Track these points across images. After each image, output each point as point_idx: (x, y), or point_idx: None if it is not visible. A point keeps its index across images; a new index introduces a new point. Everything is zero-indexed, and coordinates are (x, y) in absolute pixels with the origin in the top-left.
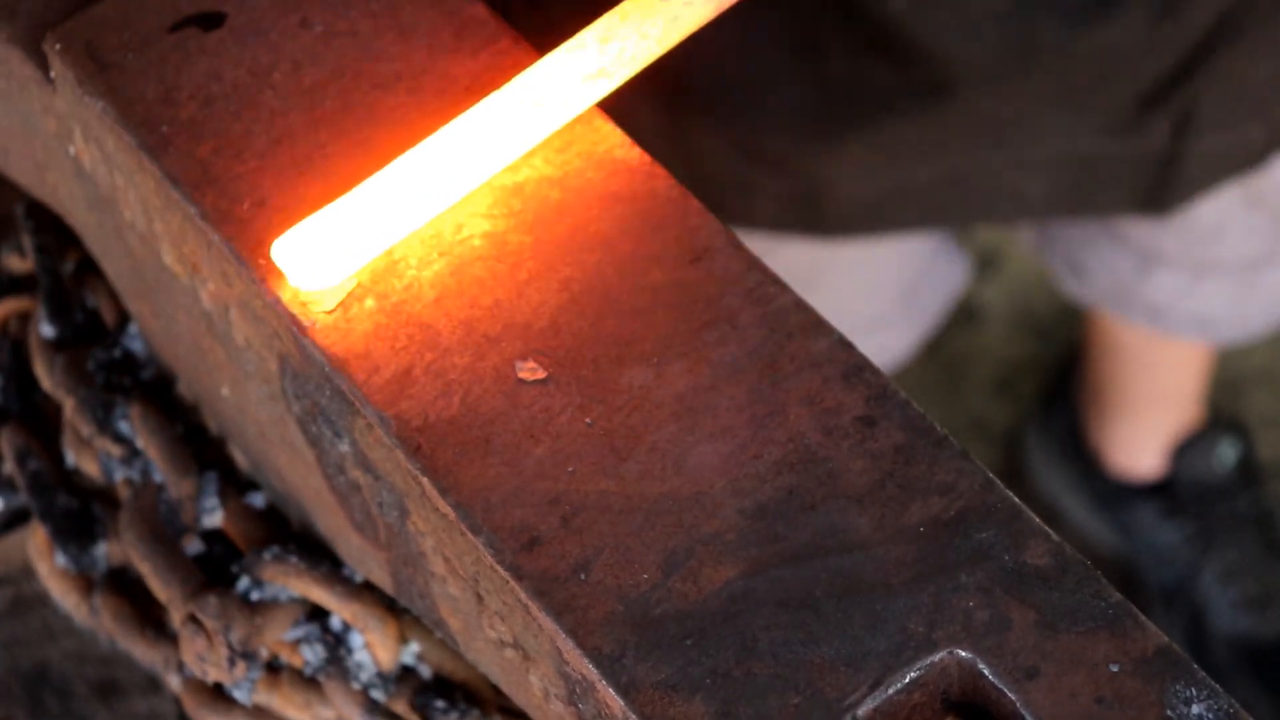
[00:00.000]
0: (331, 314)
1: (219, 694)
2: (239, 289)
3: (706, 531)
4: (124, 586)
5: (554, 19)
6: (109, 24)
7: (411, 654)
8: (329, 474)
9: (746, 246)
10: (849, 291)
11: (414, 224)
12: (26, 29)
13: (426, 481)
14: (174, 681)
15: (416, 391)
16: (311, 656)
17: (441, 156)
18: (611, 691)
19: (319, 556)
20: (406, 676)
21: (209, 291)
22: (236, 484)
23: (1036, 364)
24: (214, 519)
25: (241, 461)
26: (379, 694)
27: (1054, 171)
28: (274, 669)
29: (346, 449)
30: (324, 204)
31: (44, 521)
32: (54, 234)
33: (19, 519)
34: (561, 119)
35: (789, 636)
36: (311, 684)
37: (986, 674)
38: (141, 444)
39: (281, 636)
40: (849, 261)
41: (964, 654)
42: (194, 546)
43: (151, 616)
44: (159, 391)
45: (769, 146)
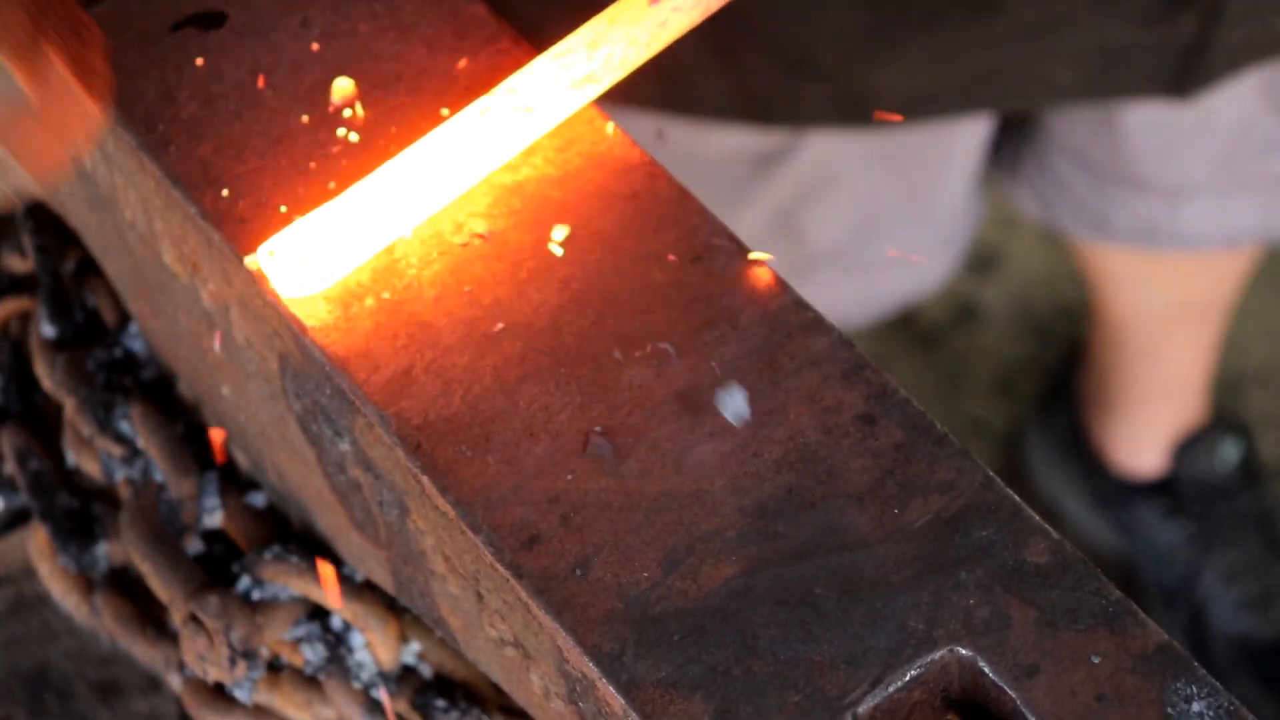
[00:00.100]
0: (331, 313)
1: (220, 693)
2: (239, 288)
3: (706, 529)
4: (125, 586)
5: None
6: (109, 24)
7: (412, 653)
8: (329, 473)
9: (746, 246)
10: (888, 208)
11: (399, 231)
12: None
13: (426, 480)
14: (175, 681)
15: (416, 390)
16: (312, 656)
17: (427, 163)
18: (612, 689)
19: (319, 556)
20: (407, 675)
21: (209, 291)
22: (237, 483)
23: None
24: (214, 518)
25: (242, 461)
26: (379, 693)
27: (1084, 61)
28: (275, 668)
29: (347, 448)
30: (323, 204)
31: (45, 521)
32: (54, 234)
33: (19, 519)
34: (549, 124)
35: (789, 634)
36: (312, 683)
37: (987, 672)
38: (142, 444)
39: (282, 636)
40: (893, 176)
41: (964, 652)
42: (195, 546)
43: (152, 616)
44: (159, 391)
45: (819, 61)
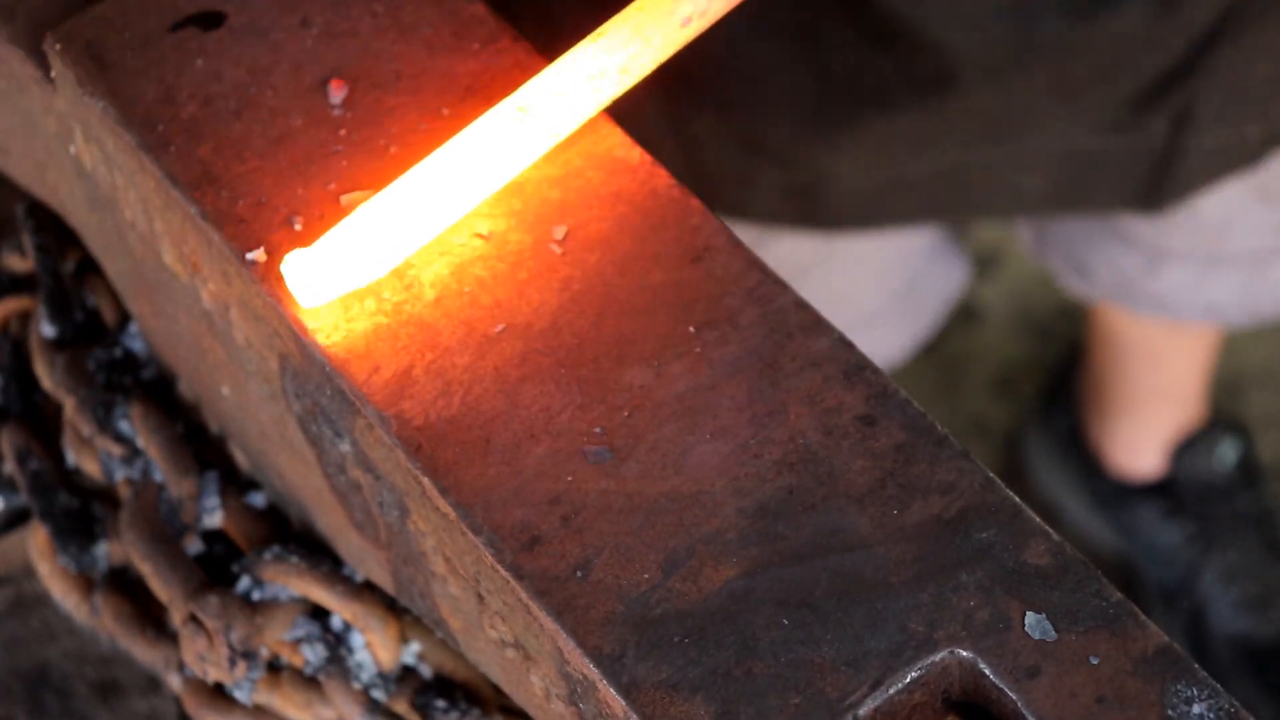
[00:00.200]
0: (331, 314)
1: (219, 694)
2: (239, 288)
3: (707, 531)
4: (125, 586)
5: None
6: (109, 24)
7: (412, 654)
8: (329, 473)
9: (746, 246)
10: (844, 287)
11: (420, 241)
12: (26, 29)
13: (427, 481)
14: (174, 681)
15: (417, 391)
16: (312, 656)
17: (445, 175)
18: (613, 691)
19: (319, 556)
20: (407, 676)
21: (209, 291)
22: (237, 483)
23: (1036, 364)
24: (214, 518)
25: (242, 461)
26: (380, 694)
27: (1052, 167)
28: (275, 669)
29: (347, 448)
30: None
31: (44, 521)
32: (54, 234)
33: (19, 519)
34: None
35: (789, 636)
36: (312, 684)
37: (987, 673)
38: (142, 443)
39: (282, 636)
40: (845, 257)
41: (965, 653)
42: (194, 546)
43: (152, 616)
44: (159, 391)
45: (769, 136)
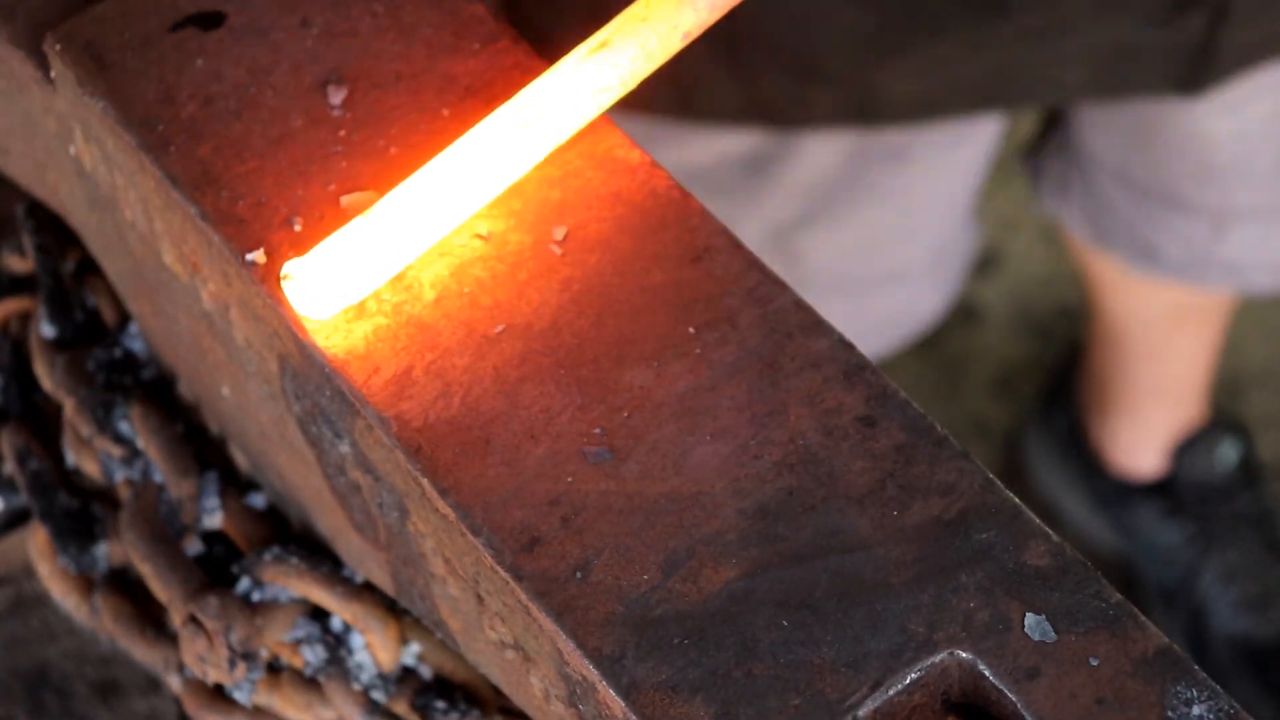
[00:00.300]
0: (332, 314)
1: (219, 695)
2: (239, 289)
3: (707, 532)
4: (124, 587)
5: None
6: (109, 24)
7: (412, 655)
8: (329, 474)
9: (746, 246)
10: (883, 234)
11: (422, 248)
12: (26, 29)
13: (426, 482)
14: (174, 682)
15: (416, 392)
16: (312, 657)
17: (447, 181)
18: (612, 693)
19: (319, 557)
20: (407, 677)
21: (209, 291)
22: (237, 484)
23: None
24: (214, 519)
25: (242, 461)
26: (379, 695)
27: (1094, 60)
28: (274, 670)
29: (347, 450)
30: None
31: (44, 522)
32: (54, 234)
33: (19, 519)
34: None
35: (789, 637)
36: (312, 685)
37: (987, 675)
38: (142, 444)
39: (282, 637)
40: (888, 201)
41: (964, 655)
42: (194, 547)
43: (152, 617)
44: (159, 391)
45: (825, 67)
